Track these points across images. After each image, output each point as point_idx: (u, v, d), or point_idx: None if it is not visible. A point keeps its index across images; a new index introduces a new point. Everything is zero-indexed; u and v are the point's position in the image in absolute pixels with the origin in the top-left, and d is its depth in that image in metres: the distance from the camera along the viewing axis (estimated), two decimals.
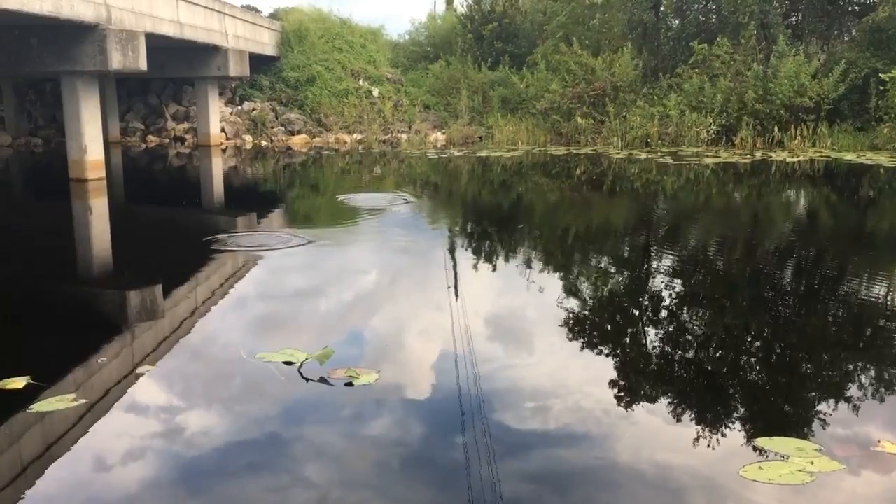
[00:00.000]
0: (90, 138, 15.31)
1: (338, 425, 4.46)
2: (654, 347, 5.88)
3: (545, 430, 4.43)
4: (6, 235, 10.86)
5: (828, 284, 8.16)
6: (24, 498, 3.72)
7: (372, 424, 4.45)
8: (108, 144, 19.27)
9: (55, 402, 4.62)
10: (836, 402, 4.78)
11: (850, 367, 5.57)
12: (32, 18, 13.07)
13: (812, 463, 3.92)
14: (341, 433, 4.35)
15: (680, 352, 5.88)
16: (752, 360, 5.78)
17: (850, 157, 18.86)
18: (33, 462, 4.10)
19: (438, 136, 25.94)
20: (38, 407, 4.57)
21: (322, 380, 4.96)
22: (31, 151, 23.74)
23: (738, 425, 4.49)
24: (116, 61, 14.95)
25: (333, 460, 4.09)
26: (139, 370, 5.27)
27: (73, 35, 14.56)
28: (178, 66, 22.31)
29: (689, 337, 6.28)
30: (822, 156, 19.34)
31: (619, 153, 20.56)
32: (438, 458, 4.11)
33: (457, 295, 7.21)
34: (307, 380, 4.98)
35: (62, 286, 8.05)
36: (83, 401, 4.67)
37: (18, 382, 4.88)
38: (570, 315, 6.68)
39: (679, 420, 4.55)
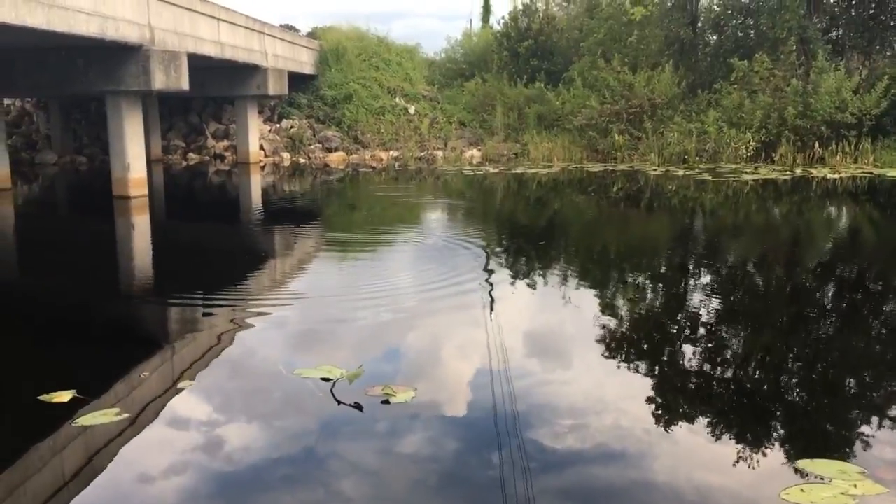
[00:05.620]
0: (133, 156, 15.64)
1: (374, 441, 4.48)
2: (692, 365, 5.82)
3: (581, 448, 4.40)
4: (53, 251, 11.11)
5: (872, 302, 8.01)
6: None
7: (408, 441, 4.47)
8: (150, 162, 19.66)
9: (99, 416, 4.72)
10: (880, 424, 4.68)
11: (895, 387, 5.45)
12: (79, 40, 13.45)
13: (855, 486, 3.85)
14: (377, 449, 4.37)
15: (719, 370, 5.81)
16: (794, 379, 5.69)
17: (893, 173, 18.50)
18: (76, 475, 4.19)
19: (474, 153, 26.02)
20: (82, 420, 4.67)
21: (357, 404, 4.96)
22: (76, 169, 24.32)
23: (778, 446, 4.42)
24: (159, 81, 15.29)
25: (369, 476, 4.10)
26: (180, 384, 5.36)
27: (118, 56, 14.93)
28: (219, 85, 22.72)
29: (729, 355, 6.19)
30: (864, 172, 19.00)
31: (656, 170, 20.42)
32: (474, 474, 4.11)
33: (492, 311, 7.21)
34: (339, 402, 4.99)
35: (107, 301, 8.22)
36: (126, 415, 4.76)
37: (64, 396, 4.99)
38: (608, 332, 6.64)
39: (718, 439, 4.50)
